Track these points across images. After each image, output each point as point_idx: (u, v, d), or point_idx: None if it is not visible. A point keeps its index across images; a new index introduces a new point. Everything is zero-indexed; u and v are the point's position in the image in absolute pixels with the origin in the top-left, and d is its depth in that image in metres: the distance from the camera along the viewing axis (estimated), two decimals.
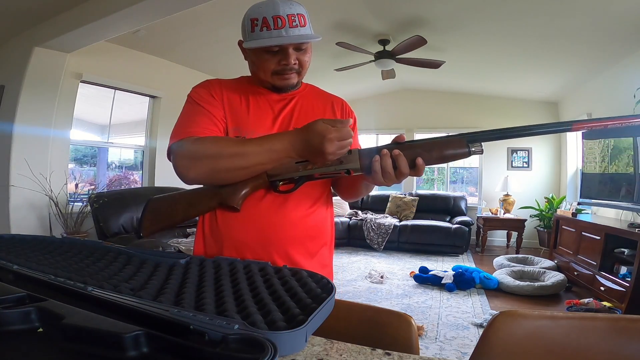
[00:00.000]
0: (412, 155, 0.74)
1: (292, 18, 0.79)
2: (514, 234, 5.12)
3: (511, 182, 5.32)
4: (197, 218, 0.90)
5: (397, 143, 0.77)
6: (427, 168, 0.79)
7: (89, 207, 3.14)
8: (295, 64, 0.84)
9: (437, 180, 6.53)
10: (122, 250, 0.78)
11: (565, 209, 4.14)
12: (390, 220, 5.19)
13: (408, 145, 0.76)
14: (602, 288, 2.90)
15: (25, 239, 0.85)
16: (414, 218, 5.39)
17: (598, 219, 3.51)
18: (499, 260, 4.04)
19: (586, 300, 2.85)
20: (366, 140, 6.31)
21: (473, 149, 0.73)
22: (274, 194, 0.84)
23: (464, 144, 0.73)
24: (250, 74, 0.94)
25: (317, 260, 0.91)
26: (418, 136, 6.26)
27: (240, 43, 0.88)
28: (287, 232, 0.86)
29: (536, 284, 3.28)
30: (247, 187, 0.80)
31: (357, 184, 0.91)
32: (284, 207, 0.86)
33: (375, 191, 5.82)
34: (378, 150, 0.76)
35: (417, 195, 5.71)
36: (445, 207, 5.51)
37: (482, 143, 0.74)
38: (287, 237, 0.86)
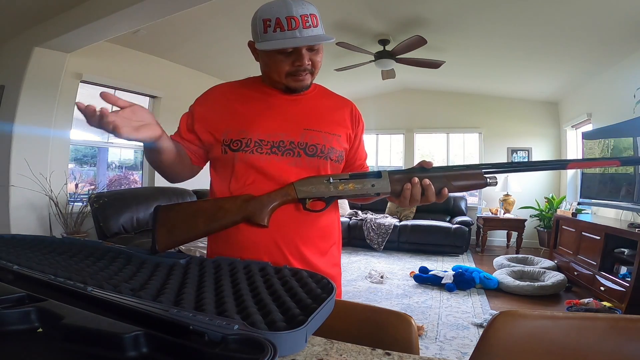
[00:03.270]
0: (439, 185, 0.81)
1: (305, 18, 0.78)
2: (514, 234, 5.12)
3: (511, 182, 5.31)
4: None
5: (423, 168, 0.82)
6: None
7: (89, 207, 3.14)
8: (309, 64, 0.84)
9: None
10: (122, 250, 0.78)
11: (565, 209, 4.14)
12: (390, 220, 5.19)
13: (435, 175, 0.82)
14: (602, 288, 2.90)
15: (26, 239, 0.85)
16: (414, 218, 5.39)
17: (598, 219, 3.51)
18: (499, 260, 4.04)
19: (586, 300, 2.85)
20: (366, 141, 6.30)
21: (490, 181, 0.81)
22: None
23: (482, 176, 0.81)
24: (258, 74, 0.94)
25: (328, 258, 0.93)
26: (418, 136, 6.28)
27: (250, 44, 0.87)
28: (299, 232, 0.87)
29: (536, 284, 3.28)
30: (273, 203, 0.81)
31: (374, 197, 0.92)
32: (295, 208, 0.87)
33: None
34: (408, 177, 0.81)
35: None
36: (445, 207, 5.50)
37: (496, 175, 0.82)
38: (300, 236, 0.87)
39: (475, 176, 0.81)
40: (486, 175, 0.81)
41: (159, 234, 0.77)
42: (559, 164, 0.87)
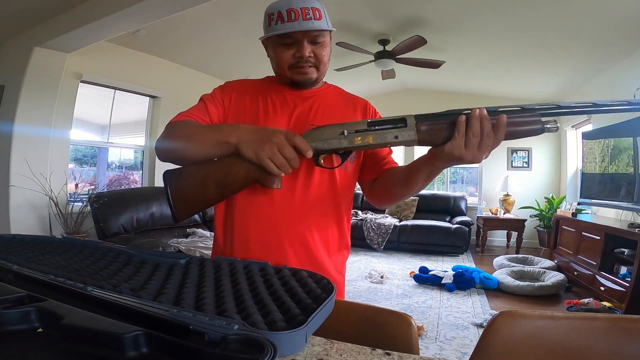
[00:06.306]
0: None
1: (306, 11, 0.80)
2: (514, 234, 5.12)
3: (511, 182, 5.32)
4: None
5: (464, 110, 0.74)
6: None
7: (89, 207, 3.14)
8: (310, 56, 0.84)
9: (437, 180, 6.53)
10: (122, 250, 0.78)
11: (565, 209, 4.14)
12: (390, 220, 5.19)
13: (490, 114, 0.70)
14: (602, 288, 2.90)
15: (25, 239, 0.85)
16: (414, 218, 5.39)
17: (598, 219, 3.51)
18: (499, 260, 4.04)
19: (586, 300, 2.85)
20: None
21: (547, 126, 0.66)
22: (290, 194, 0.84)
23: (539, 122, 0.67)
24: (260, 75, 0.98)
25: (335, 259, 0.94)
26: None
27: (262, 41, 0.90)
28: (300, 234, 0.86)
29: (536, 284, 3.28)
30: None
31: (415, 176, 0.83)
32: (299, 209, 0.86)
33: None
34: (446, 123, 0.72)
35: (417, 195, 5.71)
36: (445, 207, 5.51)
37: (556, 119, 0.66)
38: (308, 225, 0.86)
39: (532, 122, 0.66)
40: (544, 120, 0.66)
41: (175, 205, 0.76)
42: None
